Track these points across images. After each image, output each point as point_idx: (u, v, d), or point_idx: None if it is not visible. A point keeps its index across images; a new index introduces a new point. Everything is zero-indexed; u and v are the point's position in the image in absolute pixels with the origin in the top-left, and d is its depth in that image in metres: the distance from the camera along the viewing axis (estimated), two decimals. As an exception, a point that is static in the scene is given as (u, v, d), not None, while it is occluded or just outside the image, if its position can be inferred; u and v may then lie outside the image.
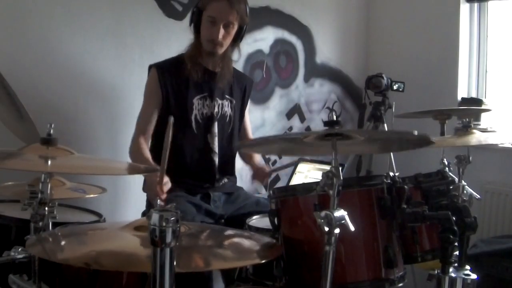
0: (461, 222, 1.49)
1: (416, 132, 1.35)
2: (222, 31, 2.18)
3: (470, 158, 2.08)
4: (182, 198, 2.18)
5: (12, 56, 2.31)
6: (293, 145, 1.62)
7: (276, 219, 1.52)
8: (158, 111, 2.26)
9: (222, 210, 2.30)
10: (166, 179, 1.88)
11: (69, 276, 1.43)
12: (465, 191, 2.02)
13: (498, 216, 3.19)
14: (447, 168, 1.88)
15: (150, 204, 2.29)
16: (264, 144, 1.69)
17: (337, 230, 1.24)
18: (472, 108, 3.21)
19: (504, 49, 3.46)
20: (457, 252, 1.50)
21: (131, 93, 2.66)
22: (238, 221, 2.07)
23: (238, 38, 2.28)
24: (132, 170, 1.81)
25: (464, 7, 3.49)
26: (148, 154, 2.16)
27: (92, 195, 1.90)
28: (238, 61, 2.47)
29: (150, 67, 2.30)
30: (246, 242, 1.55)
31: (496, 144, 3.11)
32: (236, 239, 1.59)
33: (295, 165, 3.04)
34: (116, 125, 2.70)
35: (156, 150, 2.19)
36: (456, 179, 1.91)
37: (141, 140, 2.21)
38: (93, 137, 2.61)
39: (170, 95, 2.25)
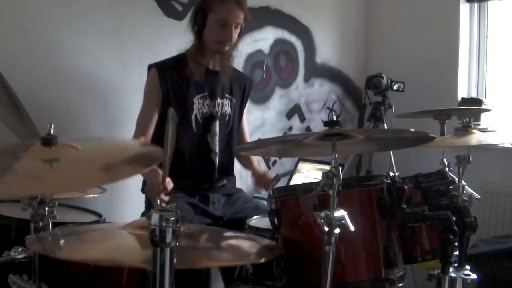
0: (461, 222, 1.49)
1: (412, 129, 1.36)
2: (234, 33, 2.21)
3: (470, 158, 2.08)
4: (181, 199, 2.18)
5: (12, 56, 2.31)
6: (293, 146, 1.62)
7: (276, 219, 1.52)
8: (159, 111, 2.25)
9: (221, 212, 2.30)
10: (167, 179, 1.88)
11: (69, 276, 1.43)
12: (465, 191, 2.02)
13: (498, 216, 3.20)
14: (447, 168, 1.88)
15: (149, 205, 2.29)
16: (263, 146, 1.69)
17: (337, 230, 1.25)
18: (472, 108, 3.22)
19: (504, 49, 3.46)
20: (457, 252, 1.50)
21: (131, 93, 2.66)
22: (237, 225, 2.06)
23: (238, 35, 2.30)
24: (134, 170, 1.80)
25: (464, 7, 3.50)
26: None
27: (92, 195, 1.90)
28: (238, 61, 2.47)
29: (150, 67, 2.30)
30: (245, 244, 1.55)
31: (496, 144, 3.11)
32: (235, 241, 1.59)
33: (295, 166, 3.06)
34: (116, 124, 2.70)
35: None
36: (456, 179, 1.91)
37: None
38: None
39: (170, 95, 2.25)
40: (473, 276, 1.53)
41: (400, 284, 1.47)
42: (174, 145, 1.72)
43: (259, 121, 3.32)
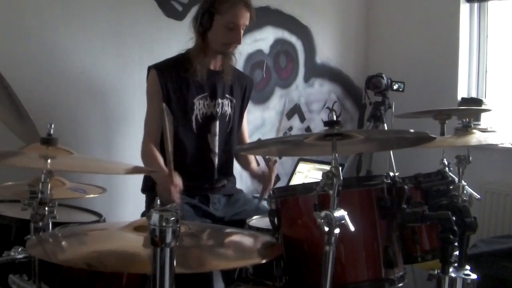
0: (461, 222, 1.49)
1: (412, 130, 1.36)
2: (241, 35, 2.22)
3: (470, 158, 2.08)
4: (181, 200, 2.17)
5: (12, 56, 2.31)
6: (293, 146, 1.62)
7: (276, 219, 1.52)
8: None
9: (222, 213, 2.30)
10: (178, 180, 1.89)
11: (69, 276, 1.43)
12: (465, 191, 2.02)
13: (498, 216, 3.19)
14: (447, 168, 1.88)
15: (149, 205, 2.29)
16: (263, 146, 1.69)
17: (337, 230, 1.24)
18: (472, 108, 3.21)
19: (504, 49, 3.46)
20: (457, 252, 1.50)
21: (131, 93, 2.66)
22: (237, 226, 2.06)
23: None
24: (133, 170, 1.81)
25: (464, 7, 3.49)
26: (160, 159, 2.16)
27: (92, 195, 1.90)
28: (238, 61, 2.47)
29: (149, 68, 2.29)
30: (246, 242, 1.55)
31: (496, 144, 3.11)
32: (236, 239, 1.59)
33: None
34: (116, 124, 2.70)
35: (164, 150, 2.21)
36: (456, 179, 1.91)
37: (151, 144, 2.21)
38: (93, 137, 2.61)
39: (171, 95, 2.24)
40: (473, 276, 1.53)
41: (400, 284, 1.47)
42: (173, 137, 1.75)
43: (259, 121, 3.32)
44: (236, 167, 2.50)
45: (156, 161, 2.15)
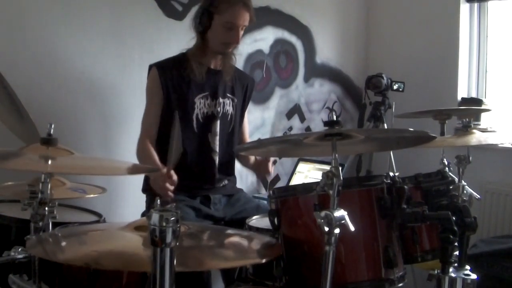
0: (461, 222, 1.49)
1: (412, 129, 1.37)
2: (240, 35, 2.22)
3: (470, 158, 2.08)
4: (182, 202, 2.18)
5: (12, 56, 2.31)
6: (293, 146, 1.62)
7: (276, 219, 1.52)
8: (161, 111, 2.26)
9: (222, 213, 2.30)
10: (174, 176, 1.90)
11: (69, 276, 1.43)
12: (465, 191, 2.02)
13: (498, 216, 3.19)
14: (447, 168, 1.88)
15: (149, 205, 2.29)
16: (263, 146, 1.69)
17: (337, 230, 1.25)
18: (472, 108, 3.22)
19: (504, 49, 3.46)
20: (457, 252, 1.50)
21: (131, 93, 2.66)
22: (238, 226, 2.06)
23: None
24: (134, 170, 1.80)
25: (464, 7, 3.50)
26: (154, 157, 2.16)
27: (92, 195, 1.90)
28: (238, 61, 2.47)
29: (151, 66, 2.30)
30: (246, 242, 1.55)
31: (496, 144, 3.11)
32: (236, 239, 1.59)
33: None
34: (116, 124, 2.69)
35: (161, 149, 2.21)
36: (456, 179, 1.91)
37: (147, 141, 2.22)
38: (93, 137, 2.61)
39: (171, 94, 2.25)
40: (473, 276, 1.53)
41: (400, 284, 1.47)
42: (181, 147, 1.79)
43: (259, 121, 3.32)
44: (237, 166, 2.50)
45: (151, 158, 2.15)
